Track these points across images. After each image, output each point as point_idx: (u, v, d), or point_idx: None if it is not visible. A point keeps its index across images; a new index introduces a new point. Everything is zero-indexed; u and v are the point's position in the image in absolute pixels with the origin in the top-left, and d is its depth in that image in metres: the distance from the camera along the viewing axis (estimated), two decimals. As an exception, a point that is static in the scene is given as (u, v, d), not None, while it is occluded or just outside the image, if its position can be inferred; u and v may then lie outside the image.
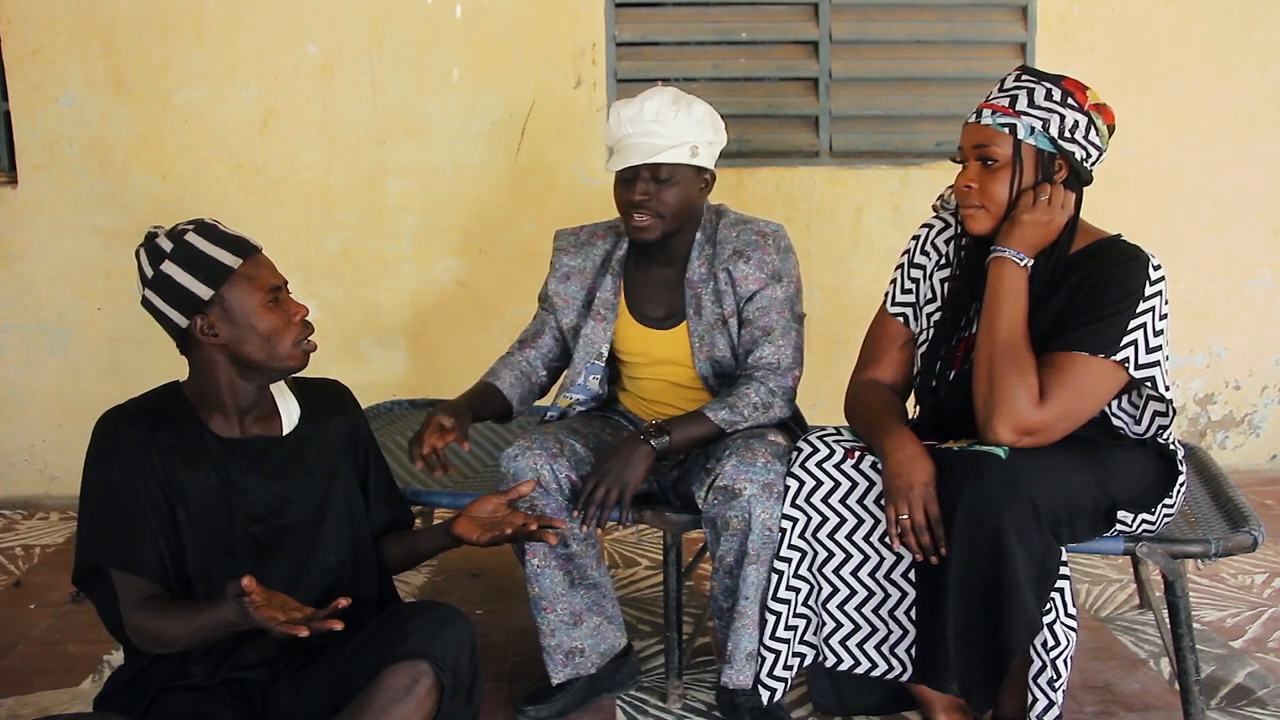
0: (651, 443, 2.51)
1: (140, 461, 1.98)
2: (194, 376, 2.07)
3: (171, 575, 1.99)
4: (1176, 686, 2.53)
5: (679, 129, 2.54)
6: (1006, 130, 2.27)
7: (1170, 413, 2.33)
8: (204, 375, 2.05)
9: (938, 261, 2.50)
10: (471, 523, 2.15)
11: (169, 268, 1.98)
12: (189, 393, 2.08)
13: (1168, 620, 2.49)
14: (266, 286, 2.01)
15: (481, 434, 3.37)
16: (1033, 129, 2.27)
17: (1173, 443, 2.40)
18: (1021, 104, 2.28)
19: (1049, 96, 2.28)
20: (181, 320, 1.99)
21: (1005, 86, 2.33)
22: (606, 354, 2.74)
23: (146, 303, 2.02)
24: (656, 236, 2.61)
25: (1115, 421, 2.37)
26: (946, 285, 2.48)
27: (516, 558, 2.59)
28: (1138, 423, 2.38)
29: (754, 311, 2.63)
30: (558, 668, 2.59)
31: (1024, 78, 2.32)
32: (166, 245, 2.00)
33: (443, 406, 2.55)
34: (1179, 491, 2.40)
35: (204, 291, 1.97)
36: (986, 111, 2.31)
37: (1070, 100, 2.28)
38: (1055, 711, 2.22)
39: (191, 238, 1.99)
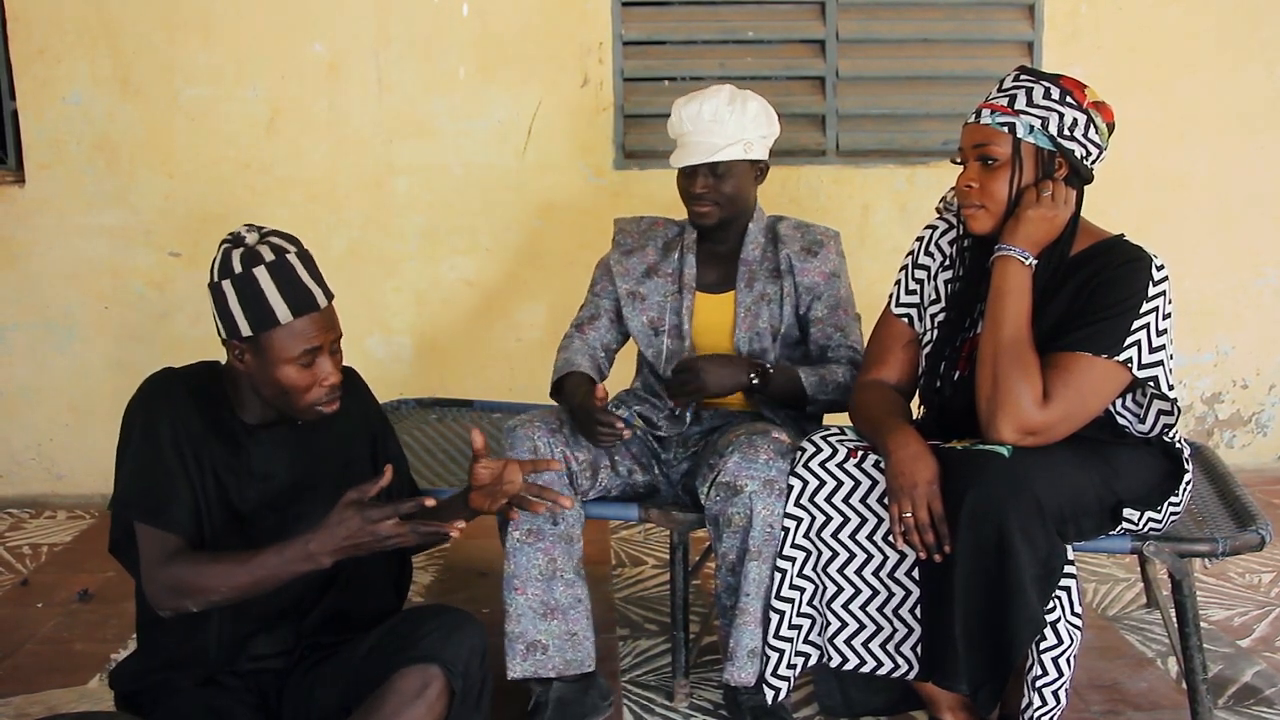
0: (752, 378, 2.62)
1: (186, 422, 1.99)
2: (227, 367, 2.06)
3: (203, 538, 1.98)
4: (1184, 685, 2.52)
5: (735, 128, 2.68)
6: (1005, 129, 2.28)
7: (1175, 411, 2.33)
8: (233, 376, 2.05)
9: (942, 263, 2.50)
10: (481, 494, 2.11)
11: (227, 288, 1.95)
12: (225, 377, 2.08)
13: (1175, 619, 2.49)
14: (304, 349, 1.96)
15: (481, 426, 3.37)
16: (1032, 127, 2.27)
17: (1178, 441, 2.40)
18: (1020, 103, 2.28)
19: (1047, 95, 2.28)
20: (223, 333, 2.00)
21: (1004, 86, 2.34)
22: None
23: (210, 295, 2.01)
24: (715, 222, 2.76)
25: (1120, 420, 2.37)
26: (950, 286, 2.48)
27: (500, 538, 2.57)
28: (1142, 421, 2.38)
29: (823, 310, 2.78)
30: (516, 659, 2.53)
31: (1022, 77, 2.33)
32: (236, 266, 1.95)
33: (571, 396, 2.66)
34: (1185, 490, 2.40)
35: (245, 329, 1.96)
36: (985, 111, 2.31)
37: (1069, 98, 2.28)
38: (1056, 712, 2.22)
39: (259, 273, 1.94)
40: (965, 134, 2.35)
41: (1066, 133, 2.27)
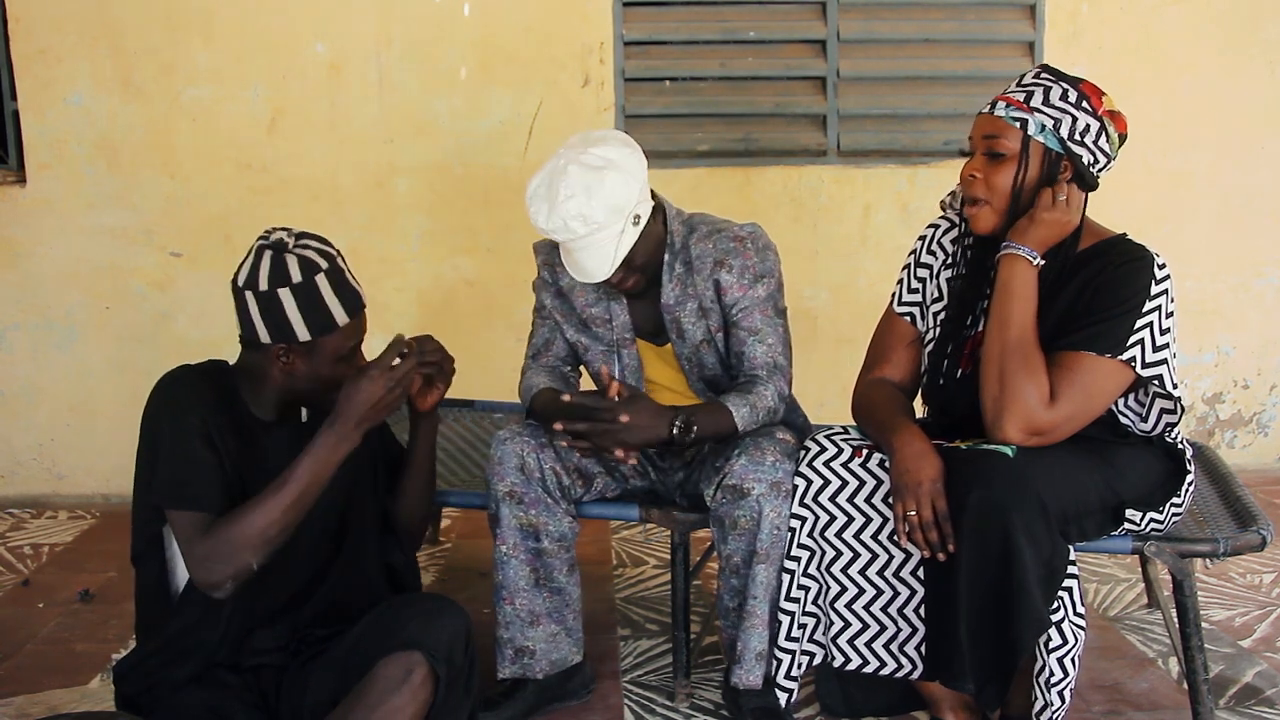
0: (674, 433, 2.40)
1: (212, 414, 2.00)
2: (245, 365, 2.08)
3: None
4: (1185, 686, 2.52)
5: (612, 214, 2.40)
6: (1017, 124, 2.27)
7: (1178, 411, 2.33)
8: (257, 376, 2.06)
9: (944, 261, 2.50)
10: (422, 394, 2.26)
11: (285, 295, 1.97)
12: (237, 375, 2.09)
13: (1176, 619, 2.49)
14: (351, 344, 2.05)
15: (473, 431, 3.37)
16: (1043, 127, 2.26)
17: (1181, 441, 2.40)
18: (1036, 101, 2.27)
19: (1064, 97, 2.27)
20: (266, 338, 2.00)
21: (1023, 82, 2.32)
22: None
23: (239, 296, 2.01)
24: (644, 286, 2.59)
25: (1122, 419, 2.37)
26: (952, 285, 2.48)
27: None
28: (1144, 420, 2.38)
29: (738, 313, 2.56)
30: (506, 663, 2.58)
31: (1043, 75, 2.31)
32: (295, 274, 1.98)
33: (545, 409, 2.54)
34: (1187, 490, 2.40)
35: (304, 334, 1.99)
36: (1000, 103, 2.30)
37: (1085, 104, 2.27)
38: (1061, 712, 2.22)
39: (320, 281, 1.99)
40: (977, 124, 2.34)
41: (1077, 137, 2.26)
